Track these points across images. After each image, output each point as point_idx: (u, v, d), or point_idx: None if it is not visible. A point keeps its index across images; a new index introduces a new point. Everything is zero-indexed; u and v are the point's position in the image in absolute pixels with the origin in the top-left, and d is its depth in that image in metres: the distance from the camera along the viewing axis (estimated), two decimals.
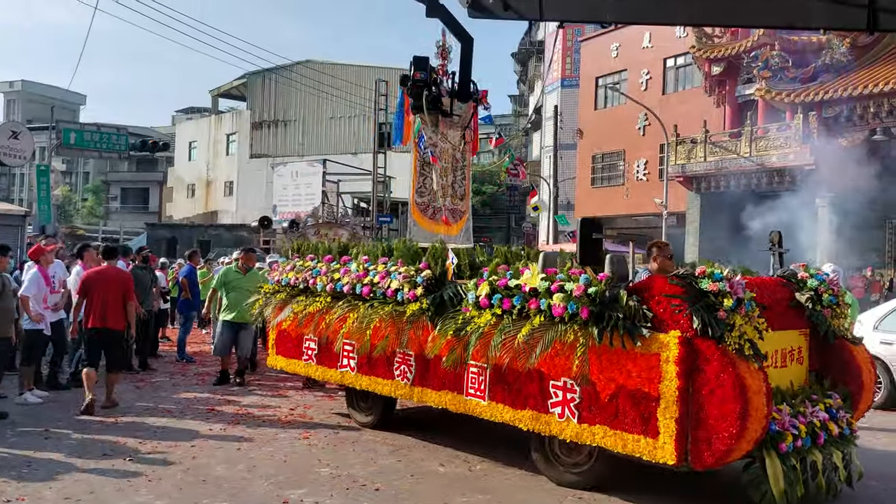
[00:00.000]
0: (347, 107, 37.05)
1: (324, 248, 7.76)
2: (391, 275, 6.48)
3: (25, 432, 6.88)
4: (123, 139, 30.78)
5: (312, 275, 7.26)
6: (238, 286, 9.49)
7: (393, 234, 30.86)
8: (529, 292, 5.36)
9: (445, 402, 6.17)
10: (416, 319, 6.20)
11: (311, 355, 7.46)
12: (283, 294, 7.63)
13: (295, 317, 7.40)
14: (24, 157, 18.53)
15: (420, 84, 7.43)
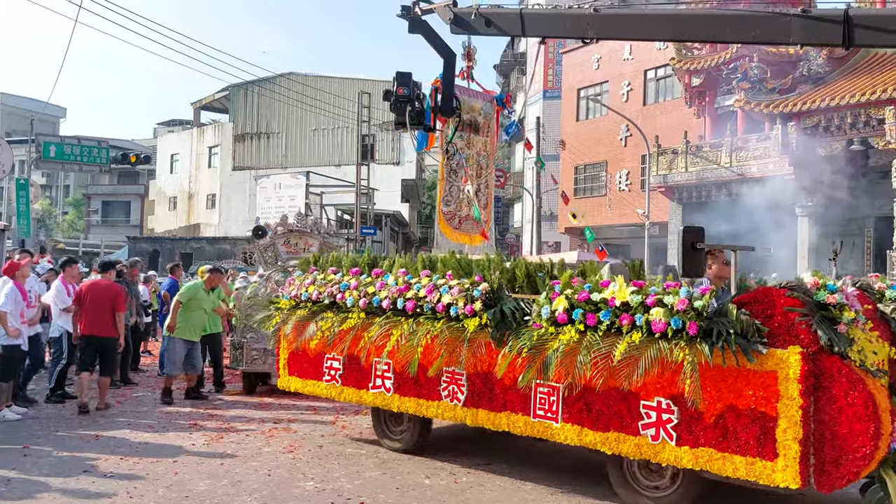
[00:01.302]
0: (330, 119, 37.05)
1: (349, 261, 7.24)
2: (440, 288, 6.02)
3: (4, 450, 6.75)
4: (104, 152, 30.51)
5: (340, 289, 6.73)
6: (202, 304, 9.47)
7: (377, 246, 30.83)
8: (621, 307, 4.97)
9: (507, 424, 5.72)
10: (472, 336, 5.73)
11: (334, 376, 6.94)
12: (305, 310, 7.05)
13: (319, 335, 6.84)
14: (2, 171, 18.24)
15: (403, 100, 7.42)
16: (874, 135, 17.94)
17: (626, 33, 7.32)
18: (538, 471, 6.27)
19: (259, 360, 9.71)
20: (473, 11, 7.09)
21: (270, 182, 32.62)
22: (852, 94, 17.93)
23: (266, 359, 9.54)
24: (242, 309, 9.97)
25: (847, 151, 18.64)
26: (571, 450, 6.81)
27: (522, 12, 7.15)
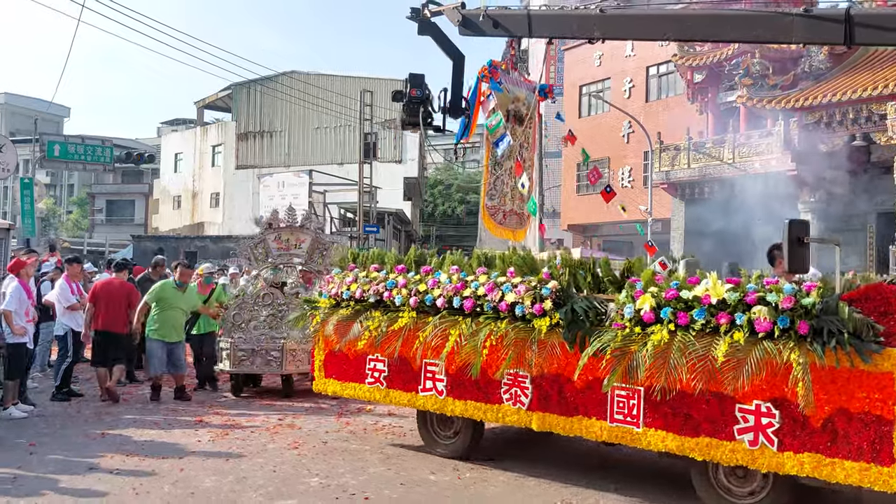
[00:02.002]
0: (333, 117, 37.08)
1: (392, 258, 6.95)
2: (502, 286, 5.76)
3: (10, 447, 6.82)
4: (108, 151, 30.70)
5: (387, 287, 6.46)
6: (173, 304, 9.21)
7: (379, 243, 30.87)
8: (717, 305, 4.75)
9: (581, 429, 5.49)
10: (541, 337, 5.50)
11: (378, 378, 6.66)
12: (347, 310, 6.75)
13: (366, 335, 6.53)
14: (7, 170, 18.34)
15: (416, 101, 7.53)
16: (876, 130, 17.94)
17: (631, 33, 7.40)
18: (542, 467, 6.31)
19: (246, 362, 9.42)
20: (481, 13, 7.16)
21: (273, 180, 32.65)
22: (854, 90, 17.93)
23: (254, 360, 9.38)
24: (230, 308, 9.72)
25: (849, 147, 18.64)
26: (574, 445, 6.87)
27: (529, 13, 7.24)
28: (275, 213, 10.43)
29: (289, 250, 10.13)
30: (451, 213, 66.40)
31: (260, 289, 9.72)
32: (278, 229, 10.13)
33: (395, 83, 37.44)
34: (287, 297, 9.63)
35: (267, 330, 9.50)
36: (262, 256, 10.12)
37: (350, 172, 30.78)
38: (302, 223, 10.23)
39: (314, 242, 10.19)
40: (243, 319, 9.54)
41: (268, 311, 9.57)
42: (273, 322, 9.54)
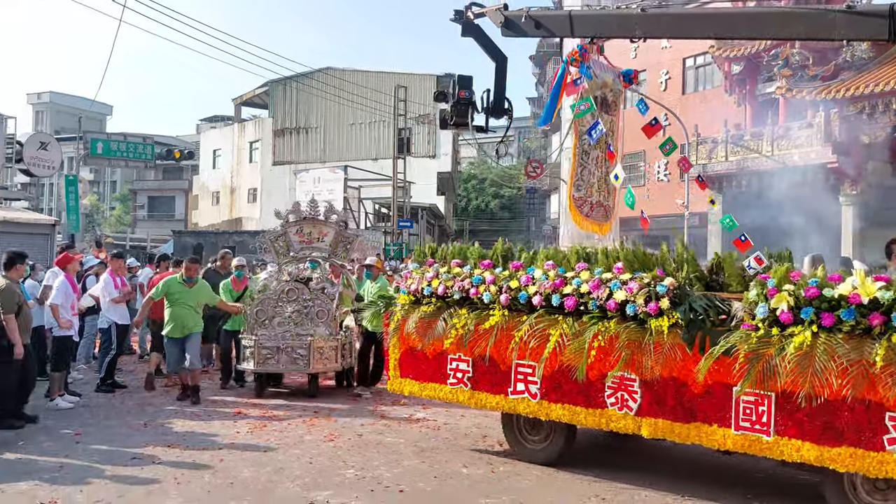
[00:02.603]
0: (368, 113, 37.28)
1: (476, 253, 6.63)
2: (611, 283, 5.42)
3: (57, 437, 7.06)
4: (149, 148, 31.33)
5: (473, 283, 6.16)
6: (181, 300, 8.82)
7: (413, 238, 31.00)
8: (868, 304, 4.41)
9: (699, 436, 5.12)
10: (657, 338, 5.15)
11: (461, 378, 6.30)
12: (430, 307, 6.45)
13: (453, 333, 6.19)
14: (52, 168, 18.89)
15: (465, 102, 7.61)
16: None
17: (672, 32, 7.37)
18: (573, 461, 6.33)
19: (272, 360, 9.04)
20: (524, 14, 7.18)
21: (309, 176, 32.98)
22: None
23: (279, 358, 9.02)
24: (252, 304, 9.40)
25: (892, 138, 18.19)
26: (601, 440, 6.88)
27: (571, 14, 7.27)
28: (296, 205, 10.04)
29: (311, 244, 9.78)
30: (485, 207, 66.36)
31: (284, 284, 9.42)
32: (300, 222, 9.73)
33: (429, 78, 37.64)
34: (313, 292, 9.34)
35: (292, 327, 9.18)
36: (284, 250, 9.75)
37: (384, 168, 30.95)
38: (325, 215, 9.80)
39: (338, 236, 9.80)
40: (267, 316, 9.24)
41: (293, 307, 9.25)
42: (298, 319, 9.23)
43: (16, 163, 17.12)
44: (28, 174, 18.72)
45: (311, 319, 9.20)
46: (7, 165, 16.09)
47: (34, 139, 18.64)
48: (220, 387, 9.62)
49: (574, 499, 5.38)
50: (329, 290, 9.48)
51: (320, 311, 9.26)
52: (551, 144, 49.42)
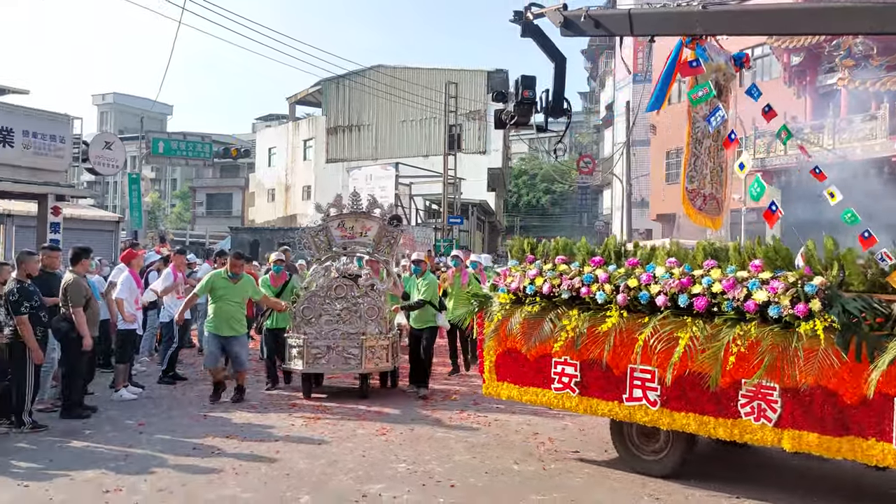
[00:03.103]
0: (419, 110, 37.47)
1: (584, 248, 6.19)
2: (748, 283, 5.01)
3: (122, 427, 7.34)
4: (208, 147, 32.15)
5: (584, 281, 5.76)
6: (225, 296, 8.50)
7: (463, 235, 31.06)
8: None
9: (851, 451, 4.71)
10: (806, 342, 4.73)
11: (568, 383, 5.91)
12: (534, 307, 6.05)
13: (563, 336, 5.80)
14: (116, 167, 19.57)
15: (528, 102, 7.66)
16: None
17: (732, 29, 7.23)
18: (624, 476, 6.29)
19: (322, 360, 8.68)
20: (583, 14, 7.16)
21: (362, 174, 33.33)
22: None
23: (330, 358, 8.68)
24: (298, 301, 8.95)
25: None
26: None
27: (630, 13, 7.22)
28: (338, 198, 9.58)
29: (353, 238, 9.38)
30: (536, 203, 65.97)
31: (332, 280, 8.98)
32: (341, 216, 9.32)
33: (480, 75, 37.60)
34: (362, 288, 8.93)
35: (341, 325, 8.81)
36: (325, 245, 9.36)
37: (435, 164, 31.08)
38: (368, 209, 9.41)
39: (382, 230, 9.39)
40: (314, 314, 8.84)
41: (342, 304, 8.86)
42: (348, 316, 8.85)
43: (82, 162, 17.77)
44: (93, 173, 19.43)
45: (361, 317, 8.85)
46: (74, 164, 16.71)
47: (99, 139, 19.32)
48: (266, 389, 9.26)
49: (626, 498, 5.35)
50: (378, 287, 9.12)
51: (370, 309, 8.91)
52: (603, 139, 48.85)
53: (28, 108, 15.50)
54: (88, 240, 13.90)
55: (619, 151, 34.41)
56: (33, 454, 6.33)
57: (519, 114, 7.71)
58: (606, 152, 45.33)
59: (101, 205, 48.12)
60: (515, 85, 7.75)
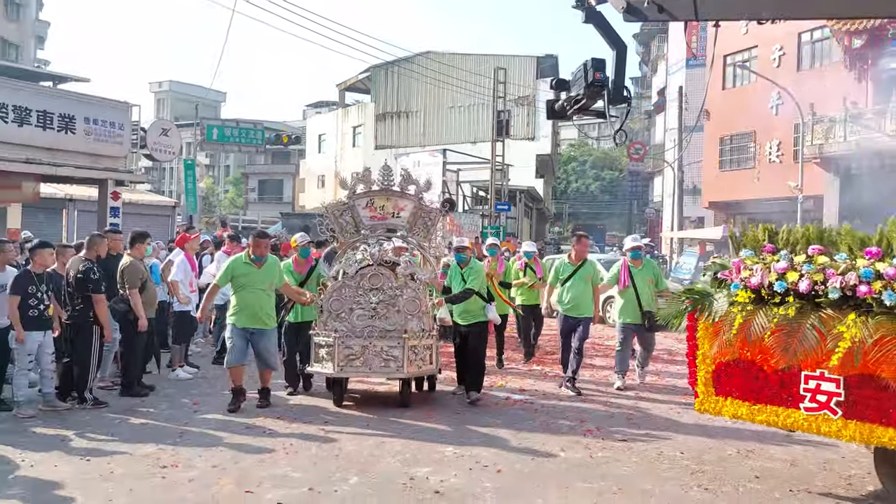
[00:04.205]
0: (466, 96, 37.35)
1: (849, 235, 4.95)
2: None
3: (178, 405, 7.59)
4: (260, 133, 32.69)
5: (861, 277, 4.58)
6: (249, 283, 7.44)
7: (510, 222, 30.95)
8: None
9: None
10: None
11: (825, 403, 4.79)
12: (790, 308, 4.82)
13: (842, 347, 4.53)
14: (172, 153, 20.07)
15: (599, 85, 7.60)
16: None
17: (803, 12, 7.02)
18: (677, 449, 6.26)
19: (357, 362, 7.42)
20: None
21: (410, 160, 33.42)
22: None
23: (367, 359, 7.41)
24: (326, 292, 7.73)
25: None
26: (710, 430, 6.75)
27: None
28: (366, 172, 8.27)
29: (384, 220, 8.06)
30: (585, 190, 65.33)
31: (366, 268, 7.73)
32: (370, 193, 8.05)
33: (529, 60, 37.28)
34: (401, 278, 7.69)
35: (377, 321, 7.54)
36: (351, 228, 8.06)
37: (483, 151, 30.97)
38: (401, 186, 8.11)
39: (417, 210, 8.05)
40: (344, 307, 7.59)
41: (377, 296, 7.58)
42: (384, 311, 7.56)
43: (140, 148, 18.26)
44: (151, 159, 19.95)
45: (400, 311, 7.57)
46: (133, 150, 17.19)
47: (156, 126, 19.82)
48: (288, 394, 8.08)
49: (675, 488, 5.30)
50: (420, 276, 7.82)
51: (410, 302, 7.60)
52: (655, 125, 48.00)
53: (88, 96, 15.99)
54: (146, 224, 14.31)
55: (672, 138, 33.78)
56: (95, 430, 6.58)
57: (588, 96, 7.64)
58: (658, 139, 44.56)
59: (157, 190, 49.37)
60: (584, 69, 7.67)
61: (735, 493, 5.19)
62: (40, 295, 7.12)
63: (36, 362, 7.22)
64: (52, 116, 14.14)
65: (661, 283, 8.93)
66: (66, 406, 7.31)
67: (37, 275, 7.18)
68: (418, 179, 8.34)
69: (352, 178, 8.18)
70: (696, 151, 31.62)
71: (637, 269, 8.82)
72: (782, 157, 26.35)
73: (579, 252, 8.97)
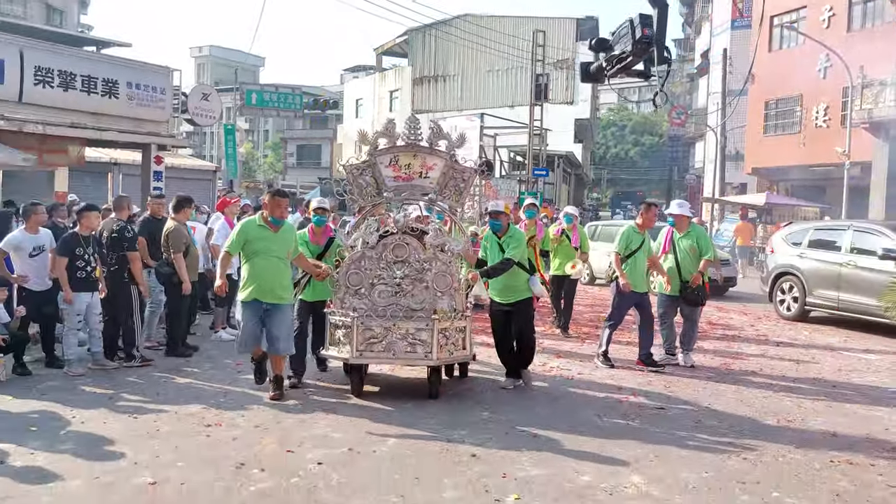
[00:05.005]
0: (505, 59, 36.87)
1: None
2: None
3: (221, 366, 7.77)
4: (298, 98, 32.83)
5: None
6: (263, 250, 6.33)
7: (548, 187, 30.70)
8: None
9: None
10: None
11: None
12: None
13: None
14: (213, 117, 20.23)
15: (646, 41, 7.44)
16: None
17: None
18: (715, 418, 6.23)
19: (378, 346, 6.42)
20: None
21: (447, 125, 33.09)
22: None
23: (392, 343, 6.40)
24: (344, 265, 6.67)
25: None
26: (749, 400, 6.69)
27: None
28: (390, 124, 7.08)
29: (410, 180, 6.99)
30: (624, 155, 64.35)
31: (388, 237, 6.69)
32: (394, 149, 6.95)
33: (568, 22, 36.59)
34: (429, 249, 6.63)
35: (402, 298, 6.54)
36: (372, 189, 7.07)
37: (521, 115, 30.62)
38: (430, 141, 6.96)
39: (448, 170, 6.96)
40: (364, 282, 6.60)
41: (402, 270, 6.57)
42: (410, 287, 6.56)
43: (182, 113, 18.44)
44: (192, 123, 20.13)
45: (428, 288, 6.57)
46: (175, 115, 17.37)
47: (197, 90, 19.96)
48: (291, 385, 6.86)
49: (713, 456, 5.27)
50: (452, 247, 6.73)
51: (440, 277, 6.58)
52: (697, 89, 46.88)
53: (131, 61, 16.14)
54: (189, 189, 14.49)
55: (715, 102, 33.00)
56: (142, 388, 6.80)
57: (635, 53, 7.48)
58: (700, 103, 43.56)
59: (198, 155, 49.96)
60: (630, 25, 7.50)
61: (774, 463, 5.16)
62: (87, 257, 7.32)
63: (84, 322, 7.46)
64: (96, 81, 14.33)
65: (706, 252, 8.17)
66: (115, 365, 7.55)
67: (83, 237, 7.37)
68: (450, 134, 7.15)
69: (374, 133, 7.12)
70: (739, 116, 30.85)
71: (679, 236, 8.33)
72: (829, 122, 25.58)
73: (647, 221, 8.20)
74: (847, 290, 10.87)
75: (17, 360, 7.20)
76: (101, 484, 4.47)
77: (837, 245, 11.35)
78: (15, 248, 7.42)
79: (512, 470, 4.85)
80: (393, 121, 7.16)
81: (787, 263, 12.15)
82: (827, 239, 11.73)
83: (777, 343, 10.06)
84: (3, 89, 12.99)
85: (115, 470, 4.71)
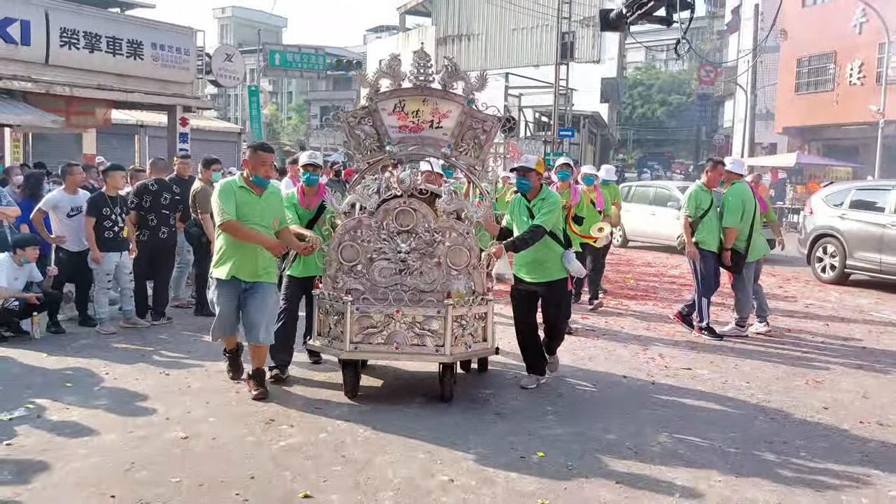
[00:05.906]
0: (530, 17, 36.20)
1: None
2: None
3: None
4: (321, 59, 32.67)
5: None
6: (246, 215, 5.18)
7: (573, 148, 30.37)
8: None
9: None
10: None
11: None
12: None
13: None
14: (237, 79, 20.22)
15: None
16: None
17: None
18: (742, 379, 6.19)
19: (378, 338, 5.18)
20: None
21: None
22: None
23: (394, 333, 5.17)
24: (336, 235, 5.42)
25: None
26: (777, 360, 6.64)
27: None
28: (394, 62, 5.73)
29: (420, 130, 5.68)
30: (651, 115, 63.25)
31: (391, 201, 5.38)
32: (399, 92, 5.65)
33: None
34: (441, 217, 5.41)
35: (408, 278, 5.33)
36: (372, 141, 5.79)
37: (546, 74, 30.19)
38: (443, 83, 5.65)
39: (465, 118, 5.66)
40: (360, 257, 5.37)
41: (408, 242, 5.32)
42: (417, 264, 5.33)
43: (206, 74, 18.44)
44: (216, 84, 20.16)
45: (440, 265, 5.34)
46: (199, 77, 17.38)
47: (220, 51, 19.94)
48: (274, 377, 5.79)
49: (740, 419, 5.25)
50: (471, 214, 5.49)
51: (455, 251, 5.33)
52: (727, 46, 45.80)
53: (155, 22, 16.12)
54: (214, 150, 14.57)
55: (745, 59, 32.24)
56: (172, 346, 6.92)
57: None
58: (730, 60, 42.56)
59: (223, 117, 50.06)
60: None
61: (803, 425, 5.13)
62: (114, 217, 7.39)
63: (115, 282, 7.57)
64: (121, 42, 14.36)
65: (724, 218, 7.60)
66: (146, 324, 7.68)
67: (110, 197, 7.44)
68: (453, 64, 5.82)
69: (374, 73, 5.78)
70: (770, 74, 30.15)
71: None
72: (864, 80, 24.91)
73: (714, 179, 7.64)
74: (890, 252, 10.63)
75: (51, 318, 7.35)
76: (134, 438, 4.57)
77: (880, 206, 11.08)
78: (53, 207, 7.55)
79: (536, 428, 4.88)
80: (398, 56, 5.79)
81: (826, 225, 11.87)
82: (869, 200, 11.44)
83: (807, 304, 9.95)
84: (29, 51, 13.07)
85: (147, 424, 4.81)
